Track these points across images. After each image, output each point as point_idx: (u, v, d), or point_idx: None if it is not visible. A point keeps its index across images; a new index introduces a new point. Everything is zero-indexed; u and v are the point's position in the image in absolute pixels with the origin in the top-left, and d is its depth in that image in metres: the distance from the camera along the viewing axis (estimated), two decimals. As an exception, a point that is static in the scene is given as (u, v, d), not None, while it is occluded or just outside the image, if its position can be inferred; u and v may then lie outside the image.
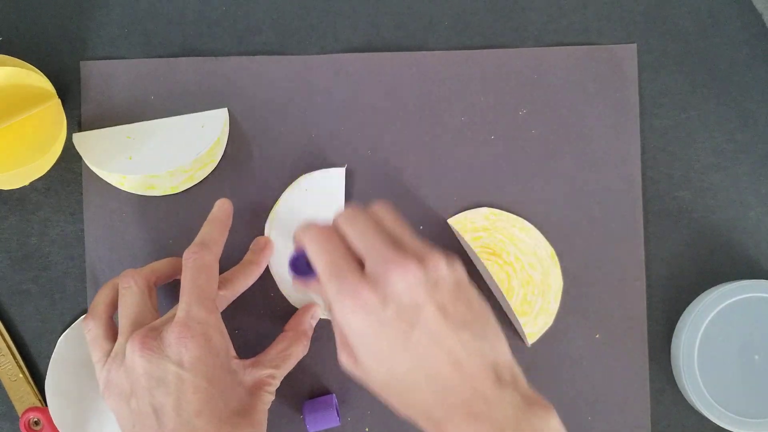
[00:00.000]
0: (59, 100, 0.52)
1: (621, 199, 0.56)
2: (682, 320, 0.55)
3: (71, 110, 0.56)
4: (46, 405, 0.54)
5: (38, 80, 0.51)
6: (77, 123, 0.56)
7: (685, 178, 0.56)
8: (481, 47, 0.56)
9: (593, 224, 0.56)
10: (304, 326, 0.52)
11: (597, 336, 0.55)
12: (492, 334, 0.43)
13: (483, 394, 0.41)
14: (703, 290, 0.55)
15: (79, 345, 0.54)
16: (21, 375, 0.54)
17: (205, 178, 0.55)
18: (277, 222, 0.55)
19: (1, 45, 0.56)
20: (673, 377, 0.55)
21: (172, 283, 0.53)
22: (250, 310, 0.55)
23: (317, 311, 0.54)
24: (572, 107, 0.56)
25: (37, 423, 0.54)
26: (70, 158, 0.55)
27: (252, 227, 0.55)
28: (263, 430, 0.47)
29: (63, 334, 0.54)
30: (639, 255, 0.56)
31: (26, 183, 0.53)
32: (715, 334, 0.53)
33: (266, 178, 0.55)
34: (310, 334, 0.53)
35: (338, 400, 0.55)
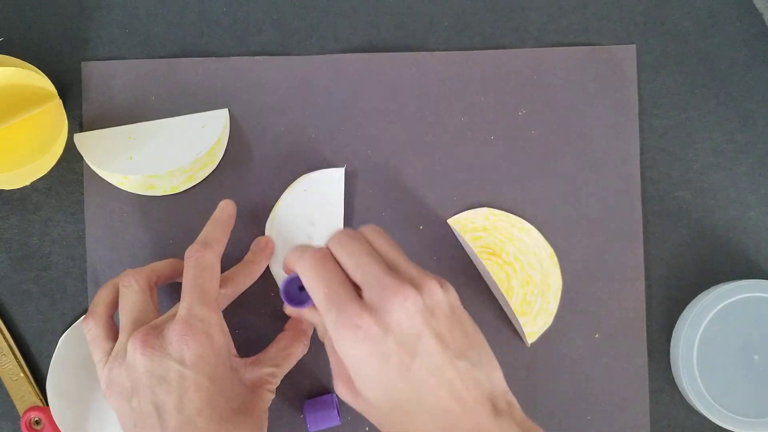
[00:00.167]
0: (60, 101, 0.52)
1: (620, 199, 0.56)
2: (682, 320, 0.55)
3: (72, 110, 0.56)
4: (47, 404, 0.54)
5: (39, 80, 0.51)
6: (78, 123, 0.56)
7: (685, 178, 0.56)
8: (481, 48, 0.56)
9: (592, 224, 0.56)
10: (303, 326, 0.52)
11: (596, 336, 0.55)
12: (486, 360, 0.43)
13: (484, 427, 0.41)
14: (702, 290, 0.56)
15: (81, 345, 0.54)
16: (22, 374, 0.54)
17: (205, 179, 0.55)
18: (277, 222, 0.55)
19: (2, 45, 0.56)
20: (672, 377, 0.56)
21: (173, 283, 0.53)
22: (251, 309, 0.55)
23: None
24: (572, 107, 0.56)
25: (38, 422, 0.54)
26: (71, 158, 0.55)
27: (252, 227, 0.55)
28: (264, 428, 0.47)
29: (64, 334, 0.54)
30: (638, 255, 0.56)
31: (27, 183, 0.53)
32: (714, 334, 0.53)
33: (266, 178, 0.56)
34: (310, 333, 0.53)
35: (338, 400, 0.55)
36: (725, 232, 0.56)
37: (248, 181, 0.56)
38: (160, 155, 0.54)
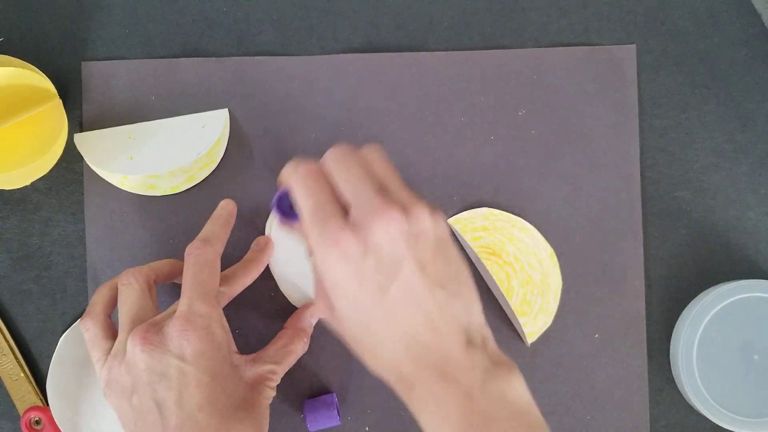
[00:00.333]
0: (60, 101, 0.52)
1: (620, 199, 0.56)
2: (681, 320, 0.55)
3: (72, 110, 0.56)
4: (47, 404, 0.54)
5: (39, 81, 0.51)
6: (78, 123, 0.56)
7: (685, 178, 0.56)
8: (481, 48, 0.56)
9: (593, 224, 0.56)
10: (303, 324, 0.52)
11: (596, 336, 0.55)
12: (466, 294, 0.42)
13: (454, 356, 0.41)
14: (702, 290, 0.56)
15: (81, 344, 0.54)
16: (22, 374, 0.54)
17: (205, 179, 0.55)
18: (277, 222, 0.55)
19: (2, 45, 0.56)
20: (672, 377, 0.56)
21: (173, 283, 0.53)
22: (251, 309, 0.55)
23: (317, 309, 0.54)
24: (572, 107, 0.56)
25: (38, 422, 0.54)
26: (71, 158, 0.55)
27: (252, 227, 0.55)
28: (265, 425, 0.47)
29: (64, 334, 0.54)
30: (638, 255, 0.56)
31: (27, 183, 0.53)
32: (714, 334, 0.53)
33: (266, 178, 0.56)
34: (310, 331, 0.53)
35: (338, 400, 0.55)
36: (725, 232, 0.56)
37: (248, 181, 0.56)
38: (160, 155, 0.54)
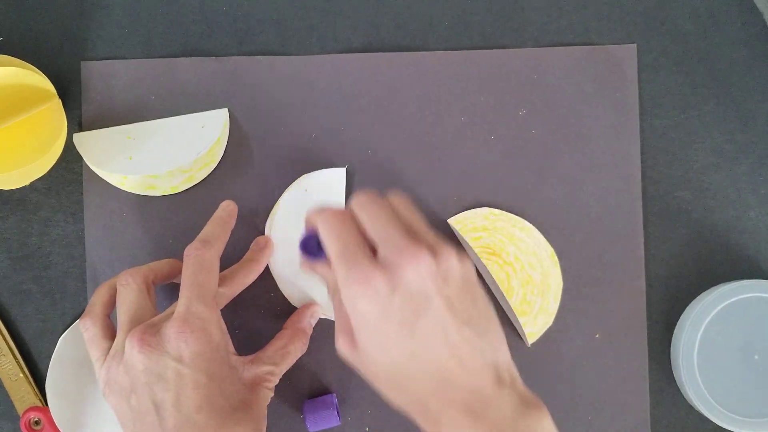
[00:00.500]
0: (60, 101, 0.52)
1: (621, 199, 0.56)
2: (682, 320, 0.55)
3: (72, 110, 0.56)
4: (47, 405, 0.54)
5: (39, 80, 0.51)
6: (78, 123, 0.56)
7: (685, 178, 0.56)
8: (481, 47, 0.56)
9: (593, 224, 0.56)
10: (303, 324, 0.52)
11: (597, 336, 0.55)
12: (493, 333, 0.43)
13: (482, 393, 0.41)
14: (702, 290, 0.56)
15: (80, 345, 0.54)
16: (21, 375, 0.54)
17: (205, 179, 0.55)
18: (277, 222, 0.55)
19: (1, 45, 0.56)
20: (673, 377, 0.56)
21: (172, 283, 0.53)
22: (250, 309, 0.55)
23: (317, 310, 0.54)
24: (572, 107, 0.56)
25: (37, 423, 0.54)
26: (70, 158, 0.55)
27: (252, 227, 0.55)
28: (264, 426, 0.47)
29: (63, 334, 0.54)
30: (639, 255, 0.56)
31: (27, 183, 0.53)
32: (715, 334, 0.53)
33: (266, 178, 0.56)
34: (309, 332, 0.53)
35: (338, 400, 0.55)
36: (725, 232, 0.56)
37: (248, 181, 0.56)
38: (159, 155, 0.54)
